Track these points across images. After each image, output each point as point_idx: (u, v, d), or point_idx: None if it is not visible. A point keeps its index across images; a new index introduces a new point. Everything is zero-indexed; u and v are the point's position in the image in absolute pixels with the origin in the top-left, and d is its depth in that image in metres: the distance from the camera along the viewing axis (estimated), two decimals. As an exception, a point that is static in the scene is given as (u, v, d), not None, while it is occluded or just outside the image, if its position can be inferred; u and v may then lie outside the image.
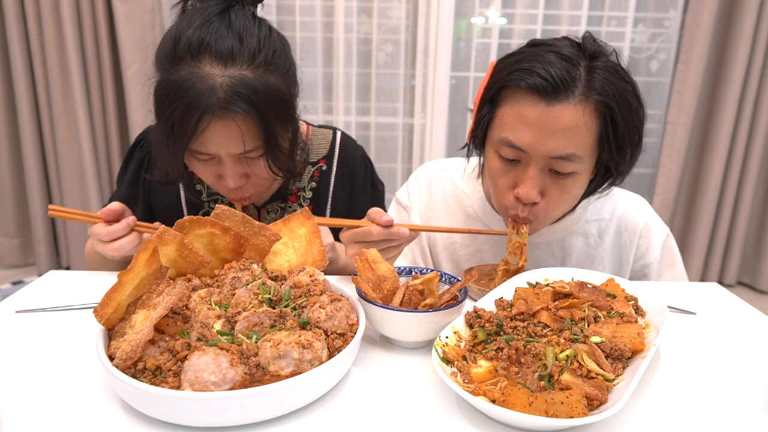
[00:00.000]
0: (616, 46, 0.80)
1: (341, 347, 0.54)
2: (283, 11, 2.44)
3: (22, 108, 2.47)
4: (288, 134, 0.83)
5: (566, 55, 0.73)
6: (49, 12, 2.33)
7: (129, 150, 1.03)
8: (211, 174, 0.83)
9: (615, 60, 0.77)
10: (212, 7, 0.78)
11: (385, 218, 0.74)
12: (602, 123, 0.74)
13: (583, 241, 0.96)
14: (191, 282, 0.62)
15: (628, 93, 0.74)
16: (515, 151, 0.76)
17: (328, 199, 1.03)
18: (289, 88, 0.82)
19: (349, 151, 1.05)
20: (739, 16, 2.40)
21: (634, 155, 0.79)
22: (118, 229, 0.80)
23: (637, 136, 0.77)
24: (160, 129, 0.78)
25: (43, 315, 0.71)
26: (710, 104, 2.57)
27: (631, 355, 0.57)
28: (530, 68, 0.73)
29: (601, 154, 0.77)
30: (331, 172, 1.03)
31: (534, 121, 0.73)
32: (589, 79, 0.73)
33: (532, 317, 0.64)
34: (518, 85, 0.74)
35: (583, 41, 0.76)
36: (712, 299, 0.84)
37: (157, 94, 0.77)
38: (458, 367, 0.57)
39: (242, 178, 0.83)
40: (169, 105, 0.74)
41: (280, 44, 0.82)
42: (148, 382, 0.48)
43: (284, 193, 1.00)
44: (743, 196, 2.63)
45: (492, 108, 0.79)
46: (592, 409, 0.49)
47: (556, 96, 0.72)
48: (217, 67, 0.75)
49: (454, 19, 2.47)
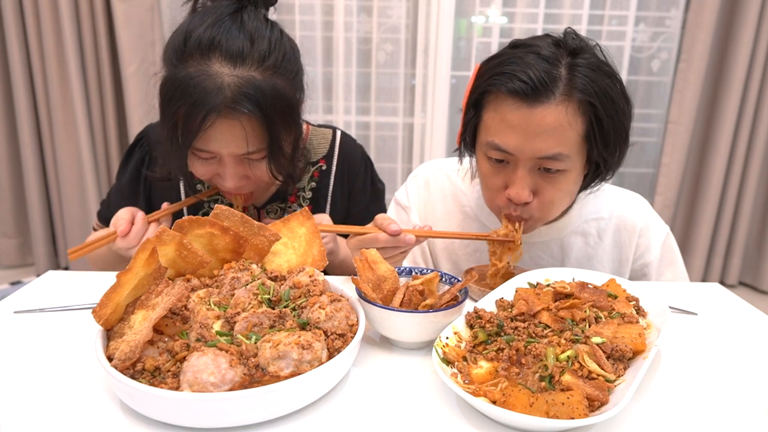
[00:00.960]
0: (617, 45, 0.80)
1: (341, 348, 0.54)
2: (283, 10, 2.44)
3: (20, 107, 2.46)
4: (291, 138, 0.83)
5: (545, 55, 0.73)
6: (47, 11, 2.32)
7: (129, 147, 1.03)
8: (209, 172, 0.83)
9: (599, 55, 0.76)
10: (224, 7, 0.78)
11: (393, 227, 0.74)
12: (587, 120, 0.74)
13: (582, 241, 0.95)
14: (190, 282, 0.62)
15: (611, 89, 0.74)
16: (503, 154, 0.77)
17: (328, 198, 1.03)
18: (296, 93, 0.83)
19: (349, 151, 1.05)
20: (741, 15, 2.39)
21: (621, 151, 0.79)
22: (140, 229, 0.82)
23: (624, 131, 0.77)
24: (164, 125, 0.77)
25: (41, 315, 0.71)
26: (712, 103, 2.56)
27: (633, 355, 0.57)
28: (510, 72, 0.73)
29: (591, 150, 0.77)
30: (330, 171, 1.03)
31: (518, 125, 0.73)
32: (570, 78, 0.73)
33: (533, 318, 0.63)
34: (499, 90, 0.74)
35: (564, 37, 0.76)
36: (714, 300, 0.84)
37: (163, 89, 0.77)
38: (459, 367, 0.56)
39: (242, 180, 0.83)
40: (175, 101, 0.74)
41: (290, 49, 0.82)
42: (147, 383, 0.48)
43: (284, 194, 1.00)
44: (745, 196, 2.62)
45: (477, 112, 0.80)
46: (593, 410, 0.49)
47: (537, 98, 0.72)
48: (226, 67, 0.75)
49: (455, 18, 2.47)
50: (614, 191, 0.99)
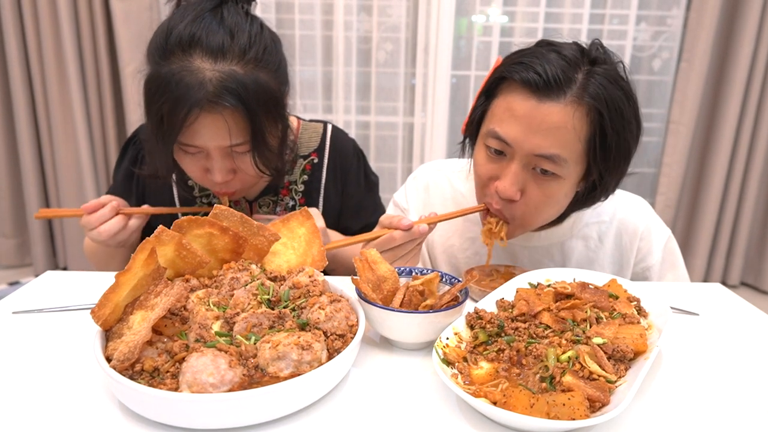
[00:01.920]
0: (618, 45, 0.80)
1: (341, 348, 0.54)
2: (282, 9, 2.43)
3: (19, 107, 2.46)
4: (277, 132, 0.84)
5: (567, 56, 0.73)
6: (45, 10, 2.32)
7: (123, 146, 1.04)
8: (198, 168, 0.84)
9: (621, 71, 0.76)
10: (205, 3, 0.80)
11: (405, 222, 0.76)
12: (592, 129, 0.73)
13: (582, 245, 0.95)
14: (189, 283, 0.62)
15: (622, 104, 0.73)
16: (501, 143, 0.76)
17: (321, 191, 1.04)
18: (280, 86, 0.83)
19: (341, 145, 1.05)
20: (743, 14, 2.38)
21: (620, 170, 0.78)
22: (104, 213, 0.86)
23: (627, 151, 0.76)
24: (150, 121, 0.79)
25: (39, 316, 0.71)
26: (713, 103, 2.56)
27: (634, 356, 0.57)
28: (528, 63, 0.73)
29: (589, 164, 0.76)
30: (322, 165, 1.03)
31: (522, 116, 0.73)
32: (585, 83, 0.72)
33: (534, 318, 0.63)
34: (513, 78, 0.74)
35: (590, 46, 0.76)
36: (715, 300, 0.83)
37: (147, 86, 0.78)
38: (459, 368, 0.56)
39: (229, 173, 0.84)
40: (158, 97, 0.76)
41: (272, 41, 0.82)
42: (146, 383, 0.48)
43: (276, 187, 1.01)
44: (747, 196, 2.61)
45: (488, 100, 0.80)
46: (594, 411, 0.49)
47: (548, 93, 0.72)
48: (208, 62, 0.76)
49: (455, 17, 2.46)
50: (615, 194, 0.98)
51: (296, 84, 2.50)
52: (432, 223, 0.80)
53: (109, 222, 0.86)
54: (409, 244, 0.77)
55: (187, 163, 0.84)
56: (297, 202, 1.03)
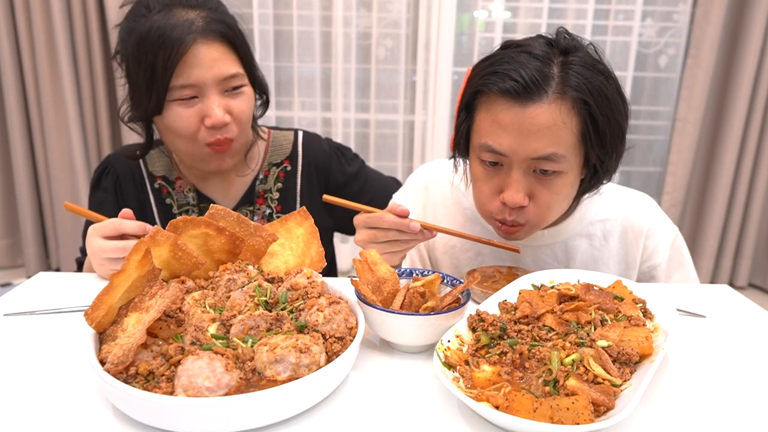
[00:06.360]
0: (623, 41, 0.79)
1: (340, 351, 0.53)
2: (280, 4, 2.42)
3: (11, 106, 2.43)
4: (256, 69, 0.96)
5: (538, 54, 0.73)
6: (38, 7, 2.29)
7: (94, 179, 1.05)
8: (193, 115, 0.87)
9: (593, 53, 0.76)
10: None
11: (401, 208, 0.77)
12: (582, 119, 0.73)
13: (587, 243, 0.94)
14: (185, 284, 0.61)
15: (605, 87, 0.73)
16: (495, 155, 0.76)
17: (297, 198, 1.06)
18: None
19: (314, 150, 1.08)
20: (751, 10, 2.35)
21: (618, 152, 0.78)
22: (127, 247, 0.77)
23: (620, 131, 0.76)
24: (141, 73, 0.85)
25: (32, 318, 0.70)
26: (720, 101, 2.53)
27: (639, 359, 0.56)
28: (502, 71, 0.73)
29: (587, 152, 0.76)
30: (296, 171, 1.06)
31: (510, 125, 0.73)
32: (563, 76, 0.72)
33: (537, 320, 0.62)
34: (491, 90, 0.74)
35: (557, 37, 0.75)
36: (723, 302, 0.82)
37: (134, 44, 0.85)
38: (460, 371, 0.55)
39: (226, 114, 0.88)
40: (150, 44, 0.83)
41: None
42: (141, 387, 0.47)
43: (251, 196, 1.04)
44: (754, 196, 2.58)
45: (469, 114, 0.79)
46: (599, 416, 0.48)
47: (530, 97, 0.71)
48: (190, 12, 0.87)
49: (457, 12, 2.44)
50: (620, 192, 0.97)
51: (294, 81, 2.48)
52: (427, 228, 0.80)
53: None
54: (394, 234, 0.77)
55: (181, 115, 0.87)
56: (274, 210, 1.05)
